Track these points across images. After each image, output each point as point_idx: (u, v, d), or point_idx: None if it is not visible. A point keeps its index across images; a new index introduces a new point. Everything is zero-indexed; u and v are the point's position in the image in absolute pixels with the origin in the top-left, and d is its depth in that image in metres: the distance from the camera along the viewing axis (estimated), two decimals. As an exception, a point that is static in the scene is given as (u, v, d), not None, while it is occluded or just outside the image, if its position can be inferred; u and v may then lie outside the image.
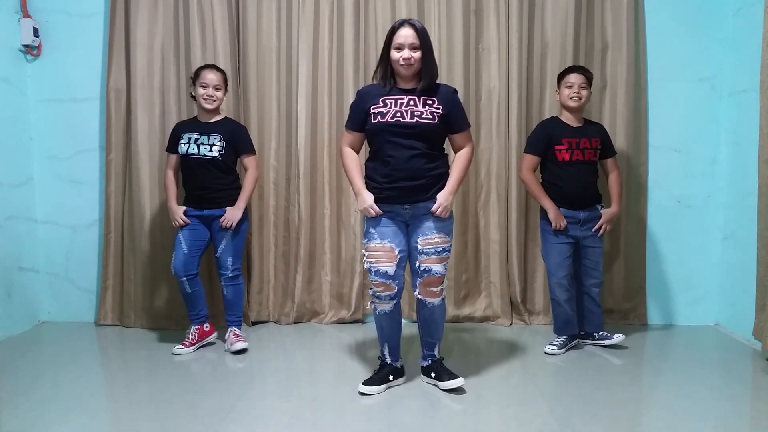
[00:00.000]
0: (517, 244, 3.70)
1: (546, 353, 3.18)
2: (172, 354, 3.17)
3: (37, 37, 3.65)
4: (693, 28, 3.64)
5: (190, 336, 3.24)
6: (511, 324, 3.74)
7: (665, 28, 3.65)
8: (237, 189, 3.24)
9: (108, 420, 2.45)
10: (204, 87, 3.14)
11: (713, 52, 3.64)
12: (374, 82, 2.66)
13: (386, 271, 2.58)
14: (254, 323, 3.75)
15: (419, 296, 2.63)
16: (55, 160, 3.75)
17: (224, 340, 3.28)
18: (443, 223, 2.60)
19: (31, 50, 3.67)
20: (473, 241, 3.77)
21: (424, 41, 2.52)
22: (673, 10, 3.64)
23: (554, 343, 3.22)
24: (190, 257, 3.17)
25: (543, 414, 2.43)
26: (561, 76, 3.22)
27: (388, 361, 2.75)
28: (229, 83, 3.59)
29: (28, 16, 3.62)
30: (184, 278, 3.16)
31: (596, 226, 3.19)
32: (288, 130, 3.72)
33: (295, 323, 3.76)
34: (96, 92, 3.73)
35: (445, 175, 2.63)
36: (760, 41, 3.14)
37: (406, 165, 2.53)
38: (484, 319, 3.78)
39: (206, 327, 3.31)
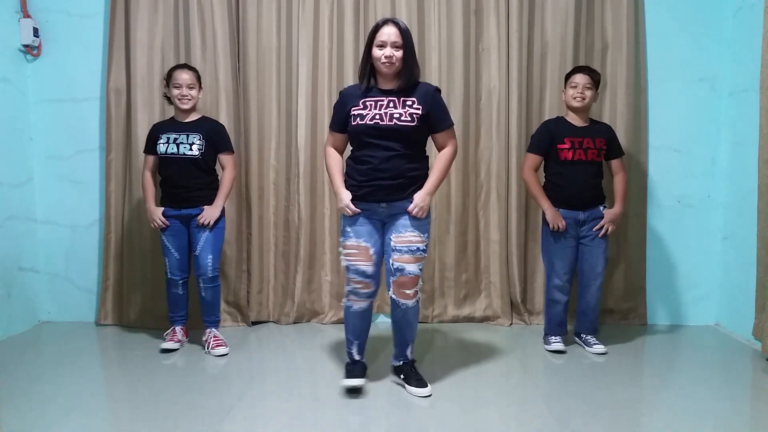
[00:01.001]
0: (517, 244, 3.70)
1: (558, 351, 3.17)
2: (161, 350, 3.20)
3: (37, 37, 3.65)
4: (693, 28, 3.64)
5: (178, 334, 3.30)
6: (511, 324, 3.74)
7: (665, 28, 3.65)
8: (215, 189, 3.23)
9: (108, 420, 2.44)
10: (177, 87, 3.14)
11: (713, 52, 3.64)
12: (356, 82, 2.66)
13: (364, 270, 2.59)
14: (254, 323, 3.76)
15: (392, 296, 2.62)
16: (55, 160, 3.75)
17: (203, 342, 3.27)
18: (419, 222, 2.59)
19: (31, 50, 3.67)
20: (473, 241, 3.77)
21: (406, 41, 2.52)
22: (673, 10, 3.64)
23: (558, 340, 3.22)
24: (183, 260, 3.23)
25: (543, 414, 2.43)
26: (567, 76, 3.22)
27: (357, 357, 2.76)
28: (229, 83, 3.61)
29: (28, 16, 3.62)
30: (180, 281, 3.23)
31: (598, 226, 3.18)
32: (288, 130, 3.72)
33: (295, 323, 3.76)
34: (96, 92, 3.73)
35: (424, 177, 2.63)
36: (760, 41, 3.14)
37: (384, 165, 2.53)
38: (484, 319, 3.78)
39: (183, 329, 3.37)
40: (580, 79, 3.14)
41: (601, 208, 3.21)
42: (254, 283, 3.77)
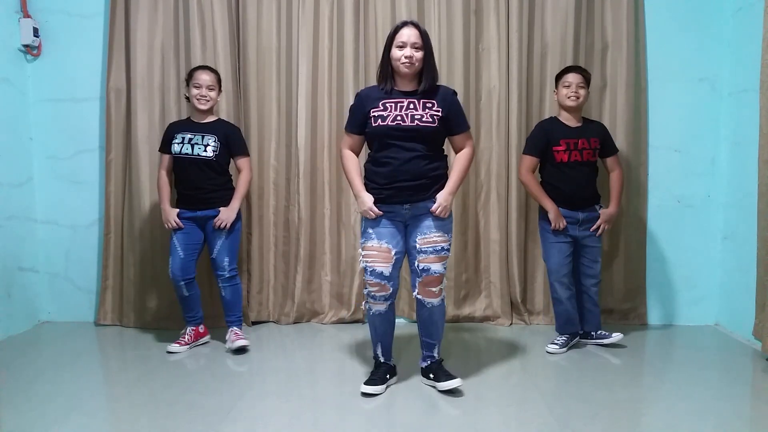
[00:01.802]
0: (517, 244, 3.70)
1: (548, 352, 3.19)
2: (167, 352, 3.19)
3: (37, 37, 3.65)
4: (693, 28, 3.64)
5: (186, 336, 3.27)
6: (511, 324, 3.74)
7: (665, 28, 3.65)
8: (230, 190, 3.23)
9: (108, 420, 2.44)
10: (197, 87, 3.14)
11: (713, 52, 3.64)
12: (375, 84, 2.67)
13: (381, 272, 2.58)
14: (254, 323, 3.75)
15: (418, 296, 2.63)
16: (55, 160, 3.75)
17: (225, 340, 3.29)
18: (442, 222, 2.60)
19: (31, 50, 3.67)
20: (473, 241, 3.77)
21: (426, 43, 2.54)
22: (673, 10, 3.64)
23: (556, 342, 3.23)
24: (188, 261, 3.18)
25: (543, 414, 2.43)
26: (559, 76, 3.22)
27: (382, 360, 2.76)
28: (229, 83, 3.61)
29: (28, 16, 3.62)
30: (182, 282, 3.18)
31: (594, 226, 3.20)
32: (288, 130, 3.72)
33: (295, 323, 3.76)
34: (96, 92, 3.73)
35: (444, 176, 2.64)
36: (760, 41, 3.14)
37: (406, 167, 2.53)
38: (484, 319, 3.78)
39: (201, 328, 3.34)
40: (573, 78, 3.14)
41: (597, 207, 3.23)
42: (254, 283, 3.77)
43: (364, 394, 2.61)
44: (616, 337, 3.26)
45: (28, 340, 3.47)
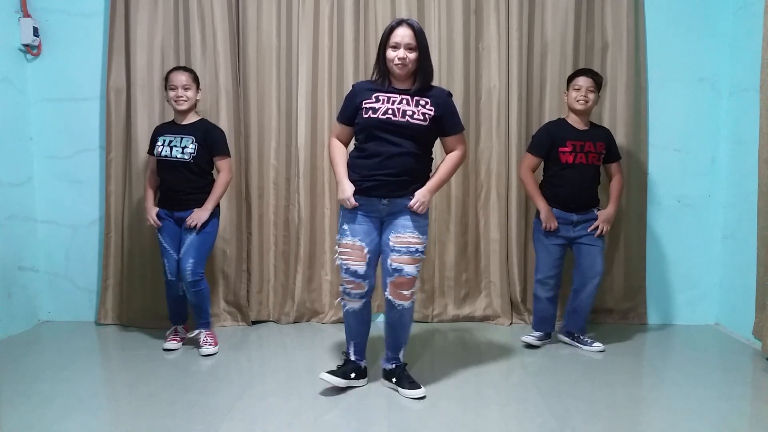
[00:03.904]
0: (517, 244, 3.71)
1: (524, 342, 3.25)
2: (163, 349, 3.21)
3: (37, 36, 3.65)
4: (693, 28, 3.64)
5: (180, 333, 3.31)
6: (511, 323, 3.74)
7: (665, 27, 3.65)
8: (209, 193, 3.19)
9: (108, 419, 2.44)
10: (173, 89, 3.13)
11: (713, 52, 3.64)
12: (372, 79, 2.66)
13: (356, 270, 2.57)
14: (254, 323, 3.76)
15: (388, 297, 2.60)
16: (55, 160, 3.75)
17: (193, 340, 3.29)
18: (419, 223, 2.58)
19: (31, 50, 3.67)
20: (473, 241, 3.77)
21: (420, 42, 2.52)
22: (673, 10, 3.64)
23: (532, 334, 3.29)
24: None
25: (543, 413, 2.43)
26: (570, 79, 3.22)
27: (352, 358, 2.73)
28: (229, 83, 3.61)
29: (28, 16, 3.62)
30: (181, 283, 3.20)
31: (592, 227, 3.19)
32: (288, 129, 3.72)
33: (295, 323, 3.76)
34: (96, 92, 3.72)
35: (427, 177, 2.63)
36: (760, 41, 3.14)
37: (392, 161, 2.52)
38: (484, 318, 3.78)
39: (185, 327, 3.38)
40: (583, 82, 3.15)
41: (595, 210, 3.23)
42: (254, 282, 3.77)
43: (323, 380, 2.61)
44: (597, 347, 3.21)
45: (28, 339, 3.47)
